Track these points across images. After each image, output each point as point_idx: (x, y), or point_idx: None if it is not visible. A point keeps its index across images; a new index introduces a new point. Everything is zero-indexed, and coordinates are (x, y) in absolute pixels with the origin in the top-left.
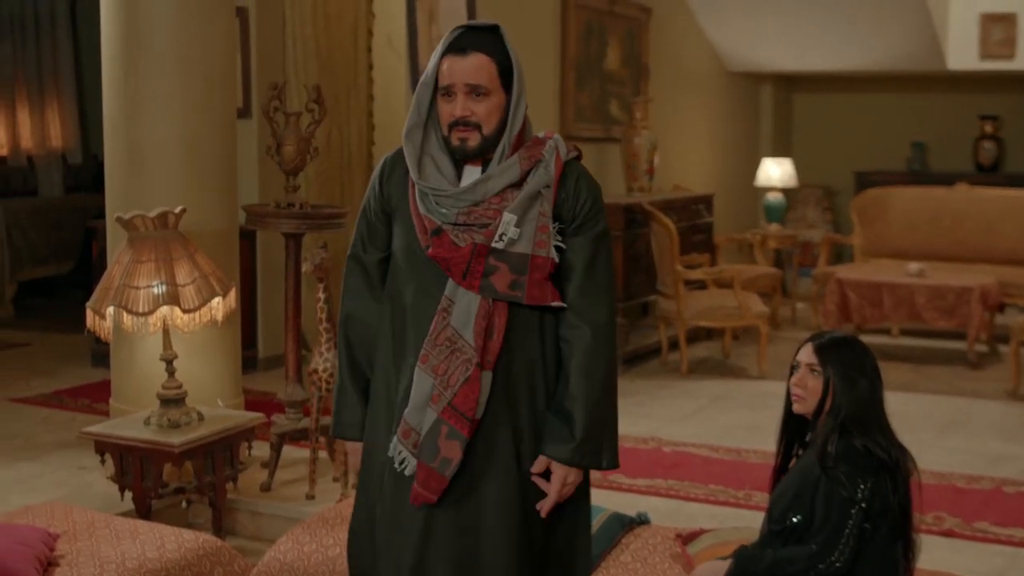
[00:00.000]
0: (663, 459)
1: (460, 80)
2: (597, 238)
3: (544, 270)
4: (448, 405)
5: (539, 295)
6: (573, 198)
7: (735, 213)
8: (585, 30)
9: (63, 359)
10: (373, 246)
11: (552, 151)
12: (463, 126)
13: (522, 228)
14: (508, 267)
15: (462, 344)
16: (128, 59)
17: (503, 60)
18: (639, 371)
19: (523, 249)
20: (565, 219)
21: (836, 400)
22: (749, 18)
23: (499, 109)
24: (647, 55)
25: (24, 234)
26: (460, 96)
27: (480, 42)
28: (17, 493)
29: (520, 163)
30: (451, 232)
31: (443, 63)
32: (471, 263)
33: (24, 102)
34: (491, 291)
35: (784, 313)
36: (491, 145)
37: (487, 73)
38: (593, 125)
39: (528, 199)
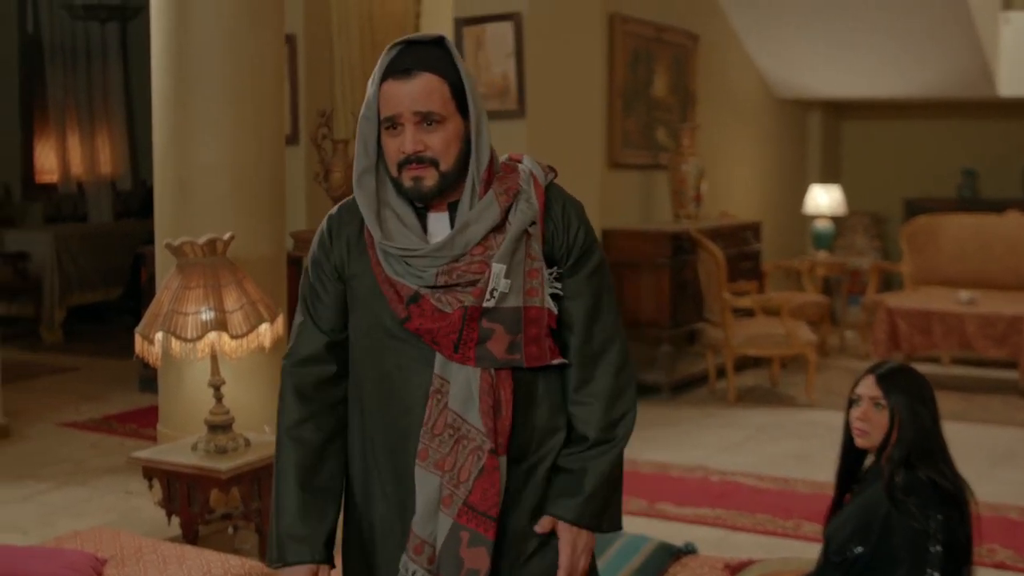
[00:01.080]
0: (710, 488)
1: (407, 107)
2: (595, 272)
3: (540, 323)
4: (464, 505)
5: (538, 354)
6: (563, 230)
7: (783, 240)
8: (632, 57)
9: (111, 384)
10: (324, 324)
11: (529, 178)
12: (416, 163)
13: (512, 278)
14: (503, 327)
15: (468, 429)
16: (178, 86)
17: (455, 79)
18: (686, 399)
19: (514, 302)
20: (557, 256)
21: (902, 433)
22: (798, 45)
23: (457, 138)
24: (694, 82)
25: (74, 260)
26: (409, 127)
27: (426, 60)
28: (66, 517)
29: (498, 200)
30: (432, 297)
31: (383, 89)
32: (463, 331)
33: (75, 129)
34: (489, 360)
35: (833, 341)
36: (451, 183)
37: (439, 96)
38: (640, 152)
39: (515, 241)
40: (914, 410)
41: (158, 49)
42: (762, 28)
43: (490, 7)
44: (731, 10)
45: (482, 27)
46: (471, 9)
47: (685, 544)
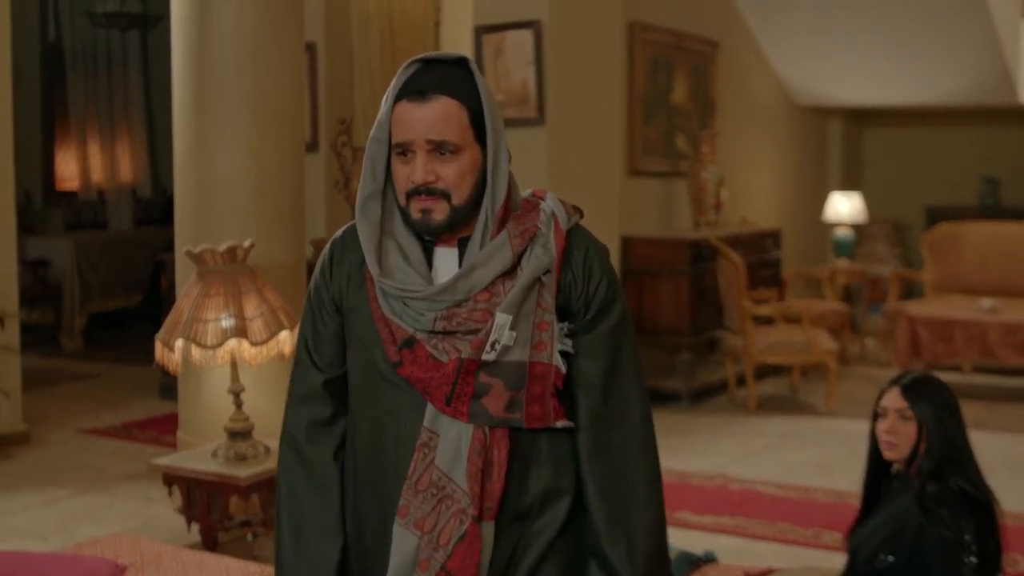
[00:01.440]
0: (730, 497)
1: (419, 134)
2: (616, 329)
3: (546, 381)
4: (442, 570)
5: (540, 414)
6: (583, 281)
7: (803, 248)
8: (652, 64)
9: (132, 391)
10: (323, 361)
11: (549, 221)
12: (426, 195)
13: (518, 329)
14: (504, 383)
15: (452, 489)
16: (198, 94)
17: (475, 104)
18: (705, 407)
19: (518, 356)
20: (574, 309)
21: (930, 443)
22: (818, 52)
23: (473, 170)
24: (714, 89)
25: (94, 267)
26: (420, 155)
27: (444, 82)
28: (86, 524)
29: (511, 242)
30: (427, 343)
31: (397, 110)
32: (457, 383)
33: (95, 137)
34: (484, 417)
35: (853, 349)
36: (463, 218)
37: (455, 123)
38: (659, 159)
39: (525, 290)
40: (941, 420)
41: (179, 57)
42: (782, 36)
43: (510, 15)
44: (751, 17)
45: (502, 35)
46: (491, 17)
47: (705, 553)
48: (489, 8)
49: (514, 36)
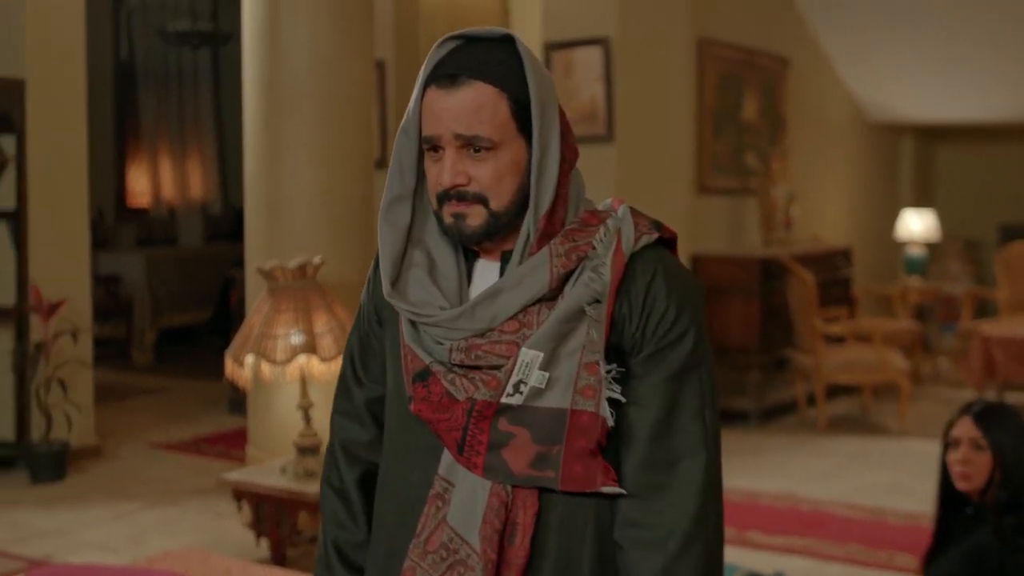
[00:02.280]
0: (800, 517)
1: (447, 128)
2: (679, 376)
3: (591, 435)
4: None
5: (584, 475)
6: (641, 311)
7: (875, 266)
8: (721, 81)
9: (201, 406)
10: (368, 376)
11: (610, 240)
12: (457, 199)
13: (553, 370)
14: (531, 434)
15: (467, 554)
16: (269, 111)
17: (519, 91)
18: (775, 427)
19: (556, 402)
20: (627, 345)
21: (1007, 472)
22: (890, 69)
23: (515, 170)
24: (784, 105)
25: (165, 282)
26: (450, 152)
27: (481, 63)
28: (156, 537)
29: (552, 262)
30: (444, 377)
31: (426, 98)
32: (468, 429)
33: (166, 154)
34: (503, 473)
35: (926, 369)
36: (506, 226)
37: (490, 113)
38: (729, 176)
39: (563, 322)
40: (1017, 448)
41: (250, 74)
42: (853, 52)
43: (579, 32)
44: (822, 34)
45: (571, 51)
46: (560, 34)
47: (775, 573)
48: (558, 25)
49: (583, 53)
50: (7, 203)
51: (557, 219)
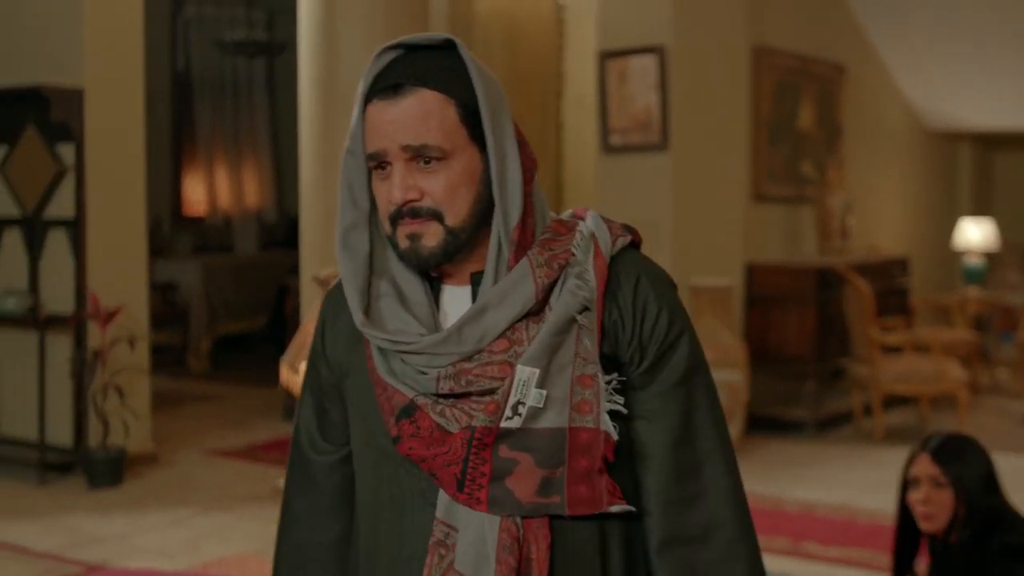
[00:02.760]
0: (857, 529)
1: (393, 140)
2: (686, 379)
3: (593, 453)
4: None
5: (589, 496)
6: (634, 318)
7: (932, 275)
8: (777, 89)
9: (256, 412)
10: (325, 437)
11: (588, 245)
12: (411, 217)
13: (549, 387)
14: (534, 459)
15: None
16: (324, 120)
17: (466, 96)
18: (832, 437)
19: (554, 422)
20: (624, 357)
21: (970, 508)
22: (947, 77)
23: (470, 180)
24: (841, 114)
25: (220, 290)
26: (398, 167)
27: (424, 71)
28: (212, 543)
29: (534, 273)
30: (432, 410)
31: (368, 114)
32: (468, 462)
33: (222, 163)
34: (511, 505)
35: (984, 380)
36: (465, 244)
37: (438, 120)
38: (785, 185)
39: (553, 335)
40: (979, 482)
41: (306, 83)
42: (911, 59)
43: (634, 40)
44: (879, 41)
45: (626, 60)
46: (615, 42)
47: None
48: (613, 34)
49: (638, 61)
50: (66, 211)
51: (528, 230)
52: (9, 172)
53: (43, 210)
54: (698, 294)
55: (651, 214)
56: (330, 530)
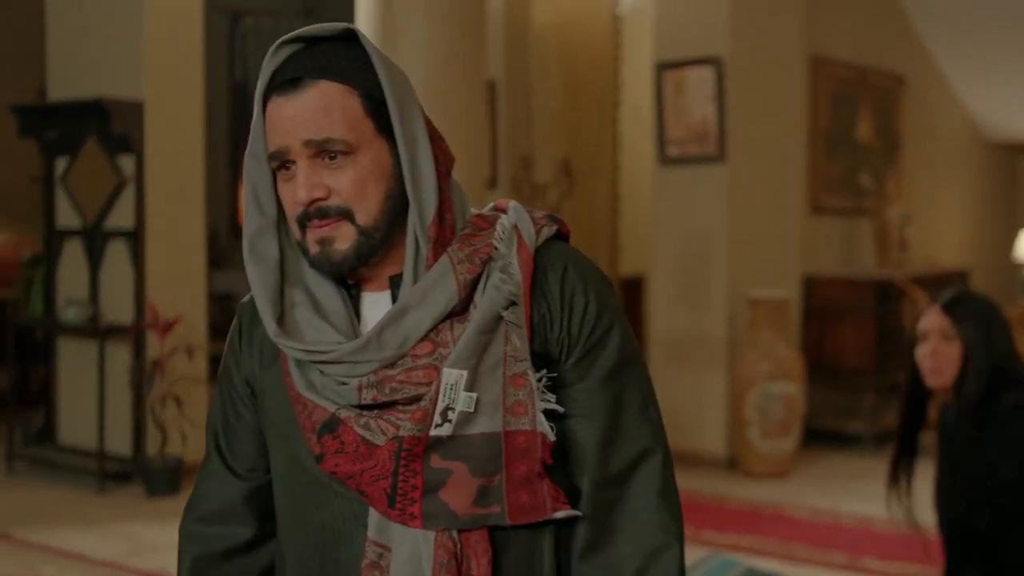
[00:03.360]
0: (916, 544)
1: (294, 136)
2: (616, 372)
3: (532, 456)
4: None
5: (531, 503)
6: (562, 310)
7: (992, 288)
8: (835, 100)
9: None
10: (239, 462)
11: (510, 238)
12: (318, 218)
13: (479, 390)
14: (468, 467)
15: None
16: None
17: (370, 87)
18: (890, 451)
19: (487, 426)
20: (555, 351)
21: (978, 362)
22: (1009, 86)
23: (380, 175)
24: (899, 124)
25: None
26: (302, 164)
27: (324, 63)
28: None
29: (455, 269)
30: (356, 423)
31: (268, 112)
32: (398, 475)
33: None
34: (446, 518)
35: None
36: (379, 245)
37: (340, 112)
38: (842, 196)
39: (480, 334)
40: (988, 335)
41: None
42: (971, 69)
43: (691, 51)
44: (938, 51)
45: (682, 71)
46: (672, 53)
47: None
48: (670, 45)
49: (695, 72)
50: (126, 222)
51: (447, 226)
52: (70, 183)
53: (103, 221)
54: (755, 306)
55: (707, 225)
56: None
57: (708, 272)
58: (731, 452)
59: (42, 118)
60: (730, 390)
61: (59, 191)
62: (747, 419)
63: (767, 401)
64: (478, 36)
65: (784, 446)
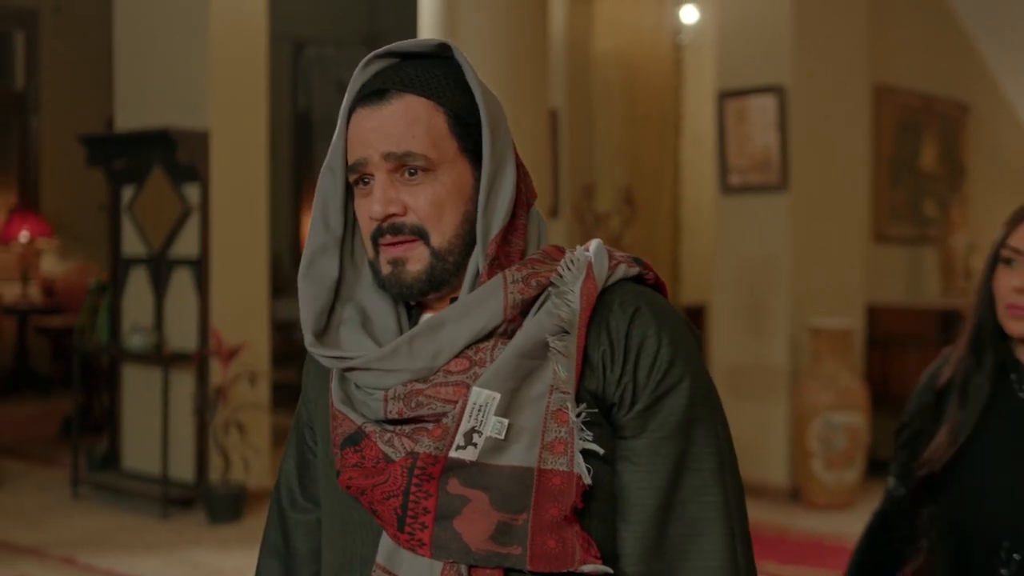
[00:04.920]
0: None
1: (375, 148)
2: (682, 431)
3: (564, 500)
4: None
5: (557, 552)
6: (626, 351)
7: None
8: (899, 128)
9: None
10: (305, 493)
11: (580, 268)
12: (392, 234)
13: (515, 417)
14: (490, 499)
15: None
16: None
17: (458, 106)
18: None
19: (519, 460)
20: (612, 396)
21: None
22: None
23: (459, 196)
24: (964, 152)
25: None
26: (380, 178)
27: (412, 75)
28: None
29: (507, 288)
30: (379, 437)
31: (352, 123)
32: (409, 495)
33: None
34: (456, 550)
35: None
36: (451, 271)
37: (424, 129)
38: (906, 224)
39: (522, 357)
40: None
41: None
42: None
43: (753, 79)
44: (1004, 79)
45: (745, 99)
46: (734, 81)
47: None
48: (732, 73)
49: (757, 101)
50: (191, 251)
51: (513, 250)
52: (137, 212)
53: (168, 249)
54: (818, 336)
55: (770, 254)
56: None
57: (771, 301)
58: (794, 483)
59: (109, 147)
60: (792, 420)
61: (125, 219)
62: (810, 450)
63: (830, 431)
64: (540, 65)
65: (848, 477)
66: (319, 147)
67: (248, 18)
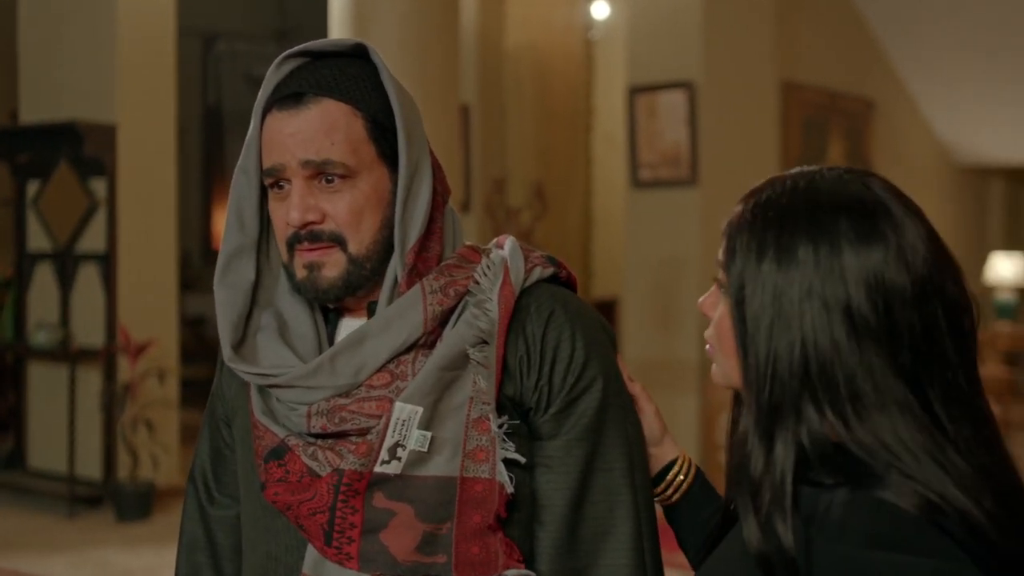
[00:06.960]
0: None
1: (292, 155)
2: (592, 431)
3: (487, 507)
4: None
5: (481, 558)
6: (542, 356)
7: None
8: (806, 124)
9: None
10: (222, 490)
11: (496, 272)
12: (310, 241)
13: (437, 429)
14: (415, 511)
15: None
16: None
17: (376, 109)
18: None
19: (442, 470)
20: (529, 400)
21: None
22: (978, 111)
23: (377, 203)
24: (870, 149)
25: None
26: (298, 184)
27: (330, 78)
28: None
29: (425, 300)
30: (303, 451)
31: (266, 126)
32: (336, 511)
33: None
34: (383, 562)
35: (1016, 416)
36: (368, 277)
37: (344, 135)
38: None
39: (443, 369)
40: None
41: None
42: (941, 94)
43: (664, 75)
44: (908, 75)
45: (655, 95)
46: (644, 78)
47: None
48: (642, 69)
49: (667, 97)
50: (97, 246)
51: (431, 256)
52: (42, 206)
53: (75, 244)
54: None
55: (680, 249)
56: None
57: (680, 295)
58: None
59: (14, 141)
60: (702, 414)
61: (30, 214)
62: (719, 442)
63: None
64: (451, 60)
65: None
66: (230, 141)
67: (157, 10)
